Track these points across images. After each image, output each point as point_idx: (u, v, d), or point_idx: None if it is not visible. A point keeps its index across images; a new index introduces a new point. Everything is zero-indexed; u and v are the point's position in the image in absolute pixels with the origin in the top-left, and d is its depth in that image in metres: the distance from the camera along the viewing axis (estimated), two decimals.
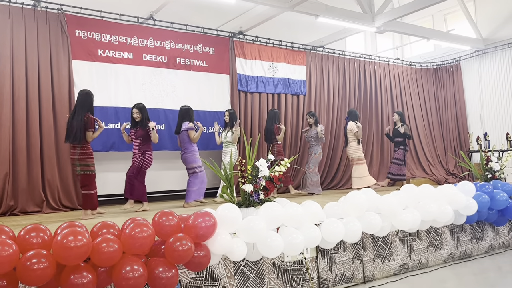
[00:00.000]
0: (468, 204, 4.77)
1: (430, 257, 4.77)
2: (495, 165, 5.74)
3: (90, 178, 5.23)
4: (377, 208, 4.20)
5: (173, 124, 7.30)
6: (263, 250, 3.39)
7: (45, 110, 6.32)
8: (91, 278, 2.62)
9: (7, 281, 2.52)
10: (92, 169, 5.27)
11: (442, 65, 11.16)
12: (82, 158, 5.17)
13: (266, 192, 3.71)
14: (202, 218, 3.09)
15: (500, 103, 10.01)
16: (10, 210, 5.92)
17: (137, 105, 6.02)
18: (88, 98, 5.29)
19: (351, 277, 4.16)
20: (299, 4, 7.12)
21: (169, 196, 7.57)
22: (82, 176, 5.20)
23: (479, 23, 10.14)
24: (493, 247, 5.43)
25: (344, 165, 9.27)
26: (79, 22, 6.68)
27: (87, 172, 5.21)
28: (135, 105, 6.04)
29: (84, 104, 5.24)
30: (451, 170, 10.52)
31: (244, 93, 8.29)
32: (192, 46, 7.73)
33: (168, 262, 2.91)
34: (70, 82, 6.54)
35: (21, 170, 6.07)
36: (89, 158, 5.23)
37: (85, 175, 5.20)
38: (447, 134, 11.00)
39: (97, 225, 2.95)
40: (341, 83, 9.66)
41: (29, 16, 6.30)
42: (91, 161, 5.26)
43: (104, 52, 6.87)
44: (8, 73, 6.06)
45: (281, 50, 8.82)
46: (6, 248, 2.45)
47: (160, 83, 7.35)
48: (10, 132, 6.02)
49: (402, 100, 10.66)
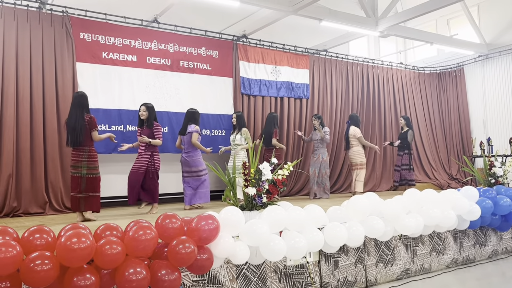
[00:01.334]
0: (471, 209, 4.75)
1: (433, 262, 4.76)
2: (498, 170, 5.73)
3: (97, 180, 5.22)
4: (380, 212, 4.19)
5: (176, 127, 7.31)
6: (266, 254, 3.38)
7: (49, 112, 6.35)
8: (94, 280, 2.62)
9: (11, 283, 2.52)
10: (98, 172, 5.27)
11: (445, 70, 11.15)
12: (90, 161, 5.16)
13: (269, 196, 3.71)
14: (205, 221, 3.09)
15: (503, 108, 10.00)
16: (13, 211, 5.94)
17: (145, 103, 5.96)
18: (83, 100, 5.24)
19: (354, 281, 4.15)
20: (303, 8, 7.13)
21: (171, 199, 7.57)
22: (88, 179, 5.15)
23: (483, 28, 10.14)
24: (496, 252, 5.41)
25: (347, 169, 9.26)
26: (84, 25, 6.72)
27: (94, 175, 5.20)
28: (143, 103, 5.97)
29: (81, 105, 5.18)
30: (454, 175, 10.50)
31: (247, 96, 8.30)
32: (196, 49, 7.75)
33: (171, 265, 2.91)
34: (74, 84, 6.57)
35: (25, 171, 6.09)
36: (96, 161, 5.24)
37: (92, 177, 5.17)
38: (450, 138, 10.98)
39: (101, 227, 2.95)
40: (344, 87, 9.67)
41: (34, 18, 6.33)
42: (97, 164, 5.27)
43: (108, 54, 6.90)
44: (12, 74, 6.09)
45: (284, 53, 8.84)
46: (10, 250, 2.45)
47: (164, 86, 7.37)
48: (14, 133, 6.05)
49: (405, 104, 10.65)
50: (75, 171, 5.15)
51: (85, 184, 5.14)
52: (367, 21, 8.13)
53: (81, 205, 5.14)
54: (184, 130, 6.47)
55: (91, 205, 5.19)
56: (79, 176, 5.13)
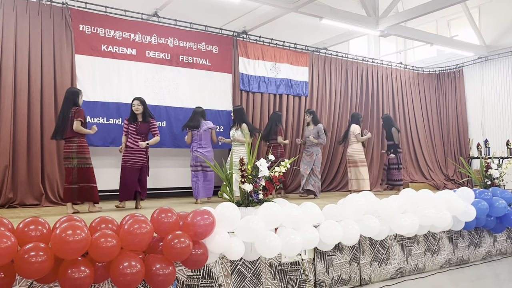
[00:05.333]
0: (467, 210, 4.77)
1: (427, 262, 4.78)
2: (494, 172, 5.74)
3: (89, 171, 5.25)
4: (375, 211, 4.20)
5: (174, 122, 7.31)
6: (261, 250, 3.38)
7: (47, 103, 6.33)
8: (88, 272, 2.62)
9: (5, 273, 2.52)
10: (90, 163, 5.29)
11: (445, 71, 11.16)
12: (80, 151, 5.18)
13: (266, 192, 3.71)
14: (201, 216, 3.09)
15: (501, 110, 10.02)
16: (8, 202, 5.93)
17: (138, 98, 5.87)
18: (74, 96, 5.28)
19: (348, 279, 4.16)
20: (304, 5, 7.12)
21: (168, 194, 7.57)
22: (79, 170, 5.17)
23: (483, 29, 10.14)
24: (490, 254, 5.43)
25: (344, 168, 9.27)
26: (84, 17, 6.69)
27: (86, 166, 5.22)
28: (136, 98, 5.89)
29: (70, 100, 5.25)
30: (450, 176, 10.53)
31: (246, 92, 8.29)
32: (196, 44, 7.73)
33: (166, 259, 2.91)
34: (72, 76, 6.54)
35: (21, 163, 6.08)
36: (87, 152, 5.27)
37: (83, 168, 5.19)
38: (447, 139, 11.00)
39: (96, 220, 2.94)
40: (343, 85, 9.67)
41: (34, 10, 6.30)
42: (88, 155, 5.29)
43: (108, 47, 6.87)
44: (11, 65, 6.06)
45: (284, 50, 8.82)
46: (5, 240, 2.44)
47: (163, 80, 7.36)
48: (11, 124, 6.03)
49: (404, 104, 10.66)
50: (67, 162, 5.22)
51: (76, 175, 5.16)
52: (368, 20, 8.12)
53: (74, 196, 5.16)
54: (198, 123, 6.44)
55: (86, 196, 5.21)
56: (71, 167, 5.18)
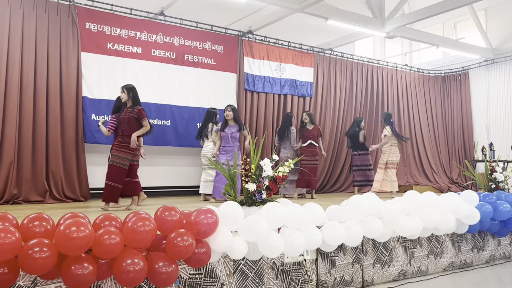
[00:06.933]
0: (471, 214, 4.74)
1: (430, 264, 4.76)
2: (499, 176, 5.71)
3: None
4: (379, 213, 4.18)
5: (179, 120, 7.33)
6: (264, 250, 3.38)
7: (53, 100, 6.36)
8: (91, 269, 2.63)
9: (9, 269, 2.53)
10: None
11: (450, 73, 11.12)
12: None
13: (269, 192, 3.71)
14: (204, 214, 3.09)
15: (507, 114, 9.97)
16: (13, 199, 5.96)
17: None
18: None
19: (350, 281, 4.15)
20: (310, 6, 7.11)
21: (172, 192, 7.57)
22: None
23: (489, 32, 10.10)
24: (494, 257, 5.40)
25: (348, 169, 9.25)
26: (90, 15, 6.71)
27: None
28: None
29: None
30: (454, 178, 10.48)
31: (250, 92, 8.29)
32: (201, 43, 7.74)
33: (169, 257, 2.91)
34: (78, 74, 6.57)
35: (26, 159, 6.10)
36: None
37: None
38: (452, 142, 10.96)
39: (100, 217, 2.95)
40: (348, 86, 9.65)
41: (41, 7, 6.33)
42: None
43: (113, 45, 6.89)
44: (17, 62, 6.09)
45: (289, 51, 8.82)
46: (9, 236, 2.45)
47: (168, 79, 7.38)
48: (16, 121, 6.06)
49: (409, 106, 10.64)
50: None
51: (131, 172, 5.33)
52: (374, 21, 8.10)
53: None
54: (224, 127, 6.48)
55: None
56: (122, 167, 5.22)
